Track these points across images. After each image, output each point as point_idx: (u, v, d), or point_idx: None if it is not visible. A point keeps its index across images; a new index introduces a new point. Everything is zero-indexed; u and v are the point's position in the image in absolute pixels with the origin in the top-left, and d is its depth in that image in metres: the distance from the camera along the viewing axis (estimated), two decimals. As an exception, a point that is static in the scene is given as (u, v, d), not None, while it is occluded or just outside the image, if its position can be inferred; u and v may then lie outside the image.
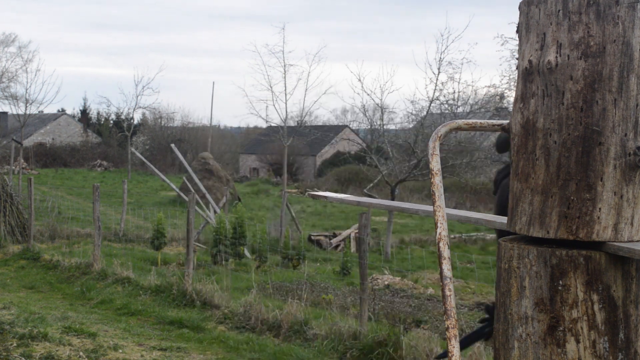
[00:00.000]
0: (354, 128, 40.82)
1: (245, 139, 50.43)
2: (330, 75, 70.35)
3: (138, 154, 17.94)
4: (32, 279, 9.46)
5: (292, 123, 26.66)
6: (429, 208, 2.14)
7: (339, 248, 16.21)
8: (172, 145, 15.10)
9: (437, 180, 1.89)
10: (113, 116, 48.62)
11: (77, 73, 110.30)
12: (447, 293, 1.81)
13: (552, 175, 1.72)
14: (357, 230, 14.77)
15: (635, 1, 1.65)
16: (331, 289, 9.66)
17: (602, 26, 1.66)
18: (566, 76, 1.69)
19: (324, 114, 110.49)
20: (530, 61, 1.75)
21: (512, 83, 17.87)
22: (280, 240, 14.70)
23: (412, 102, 23.29)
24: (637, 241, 1.73)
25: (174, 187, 15.53)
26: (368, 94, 17.28)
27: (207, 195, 14.43)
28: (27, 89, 30.67)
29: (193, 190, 11.02)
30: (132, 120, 39.70)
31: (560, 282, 1.69)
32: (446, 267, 1.84)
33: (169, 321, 6.98)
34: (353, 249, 14.60)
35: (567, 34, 1.69)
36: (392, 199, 16.11)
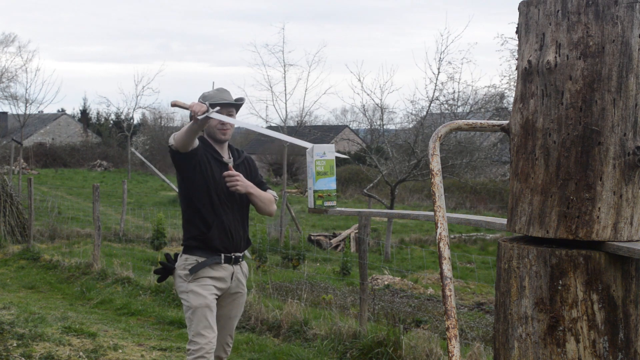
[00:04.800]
0: (353, 128, 40.79)
1: (245, 139, 50.31)
2: (330, 74, 70.21)
3: (138, 154, 17.96)
4: (32, 279, 9.45)
5: (292, 123, 26.63)
6: (430, 213, 2.15)
7: (339, 248, 16.19)
8: (172, 145, 15.06)
9: (437, 181, 1.90)
10: (113, 116, 48.62)
11: (77, 73, 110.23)
12: (447, 293, 1.81)
13: (552, 175, 1.72)
14: (357, 230, 14.76)
15: (634, 1, 1.65)
16: (331, 289, 9.65)
17: (601, 26, 1.66)
18: (565, 76, 1.69)
19: (323, 114, 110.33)
20: (529, 61, 1.75)
21: (512, 83, 17.86)
22: (280, 240, 14.69)
23: (412, 102, 23.32)
24: (637, 241, 1.73)
25: (174, 187, 15.54)
26: (368, 94, 17.31)
27: (207, 195, 14.40)
28: (27, 89, 30.64)
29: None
30: (132, 120, 39.69)
31: (560, 282, 1.69)
32: (446, 267, 1.84)
33: (168, 321, 6.98)
34: (353, 249, 14.57)
35: (566, 34, 1.69)
36: (392, 199, 16.10)
